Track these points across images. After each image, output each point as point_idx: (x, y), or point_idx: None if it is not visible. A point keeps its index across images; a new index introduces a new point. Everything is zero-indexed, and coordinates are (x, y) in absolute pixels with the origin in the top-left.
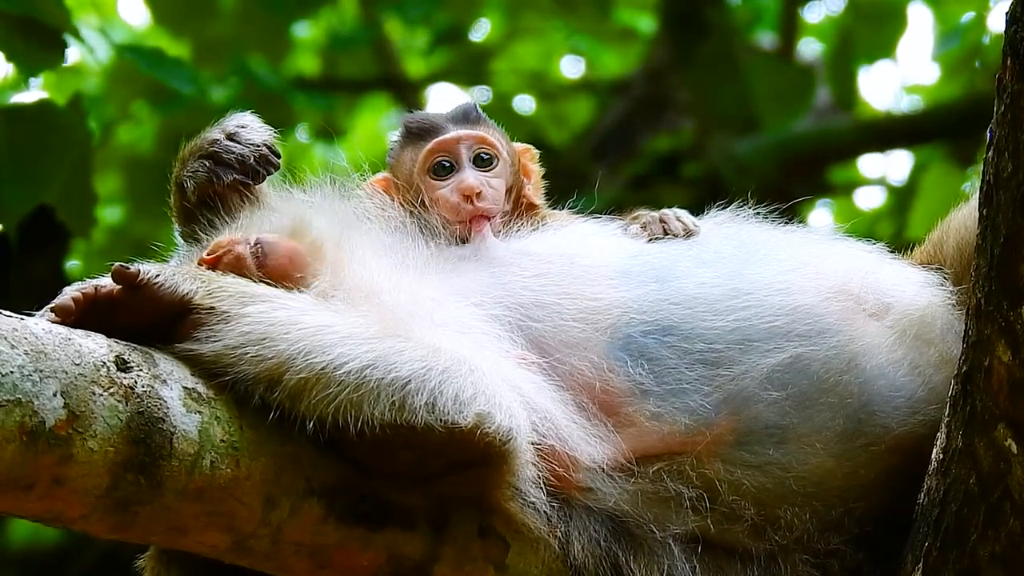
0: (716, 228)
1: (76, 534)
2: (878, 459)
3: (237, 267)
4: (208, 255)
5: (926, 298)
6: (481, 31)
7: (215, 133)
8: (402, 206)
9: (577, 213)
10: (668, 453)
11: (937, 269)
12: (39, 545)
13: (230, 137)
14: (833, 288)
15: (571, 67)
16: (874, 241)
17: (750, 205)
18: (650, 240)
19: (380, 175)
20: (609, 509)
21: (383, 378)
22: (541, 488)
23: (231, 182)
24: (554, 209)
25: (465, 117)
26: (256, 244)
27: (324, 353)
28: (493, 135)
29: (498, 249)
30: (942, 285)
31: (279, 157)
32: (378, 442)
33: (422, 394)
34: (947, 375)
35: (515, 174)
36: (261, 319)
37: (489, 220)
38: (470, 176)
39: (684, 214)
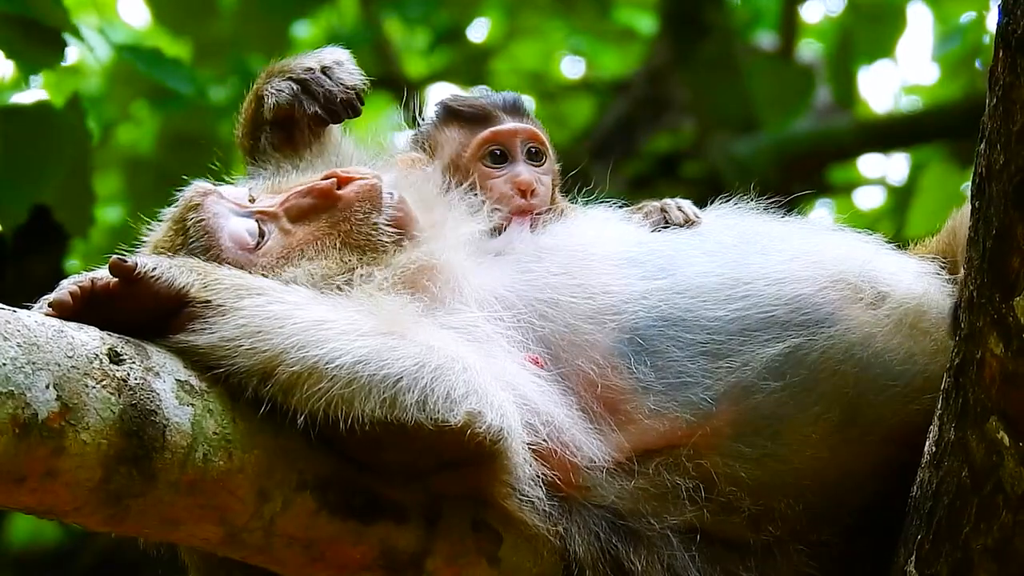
0: (718, 219)
1: (76, 534)
2: (873, 449)
3: (370, 196)
4: (344, 173)
5: (922, 287)
6: (481, 31)
7: (310, 61)
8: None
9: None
10: (667, 447)
11: (951, 258)
12: (39, 545)
13: (324, 71)
14: (831, 277)
15: (571, 67)
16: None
17: (751, 198)
18: (653, 229)
19: (402, 154)
20: (608, 505)
21: (375, 374)
22: (539, 486)
23: (312, 114)
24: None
25: (516, 109)
26: (394, 193)
27: (317, 347)
28: (542, 130)
29: (526, 243)
30: (938, 274)
31: (363, 105)
32: (369, 439)
33: (413, 391)
34: (942, 364)
35: (556, 171)
36: (256, 312)
37: (532, 215)
38: (525, 171)
39: (686, 204)
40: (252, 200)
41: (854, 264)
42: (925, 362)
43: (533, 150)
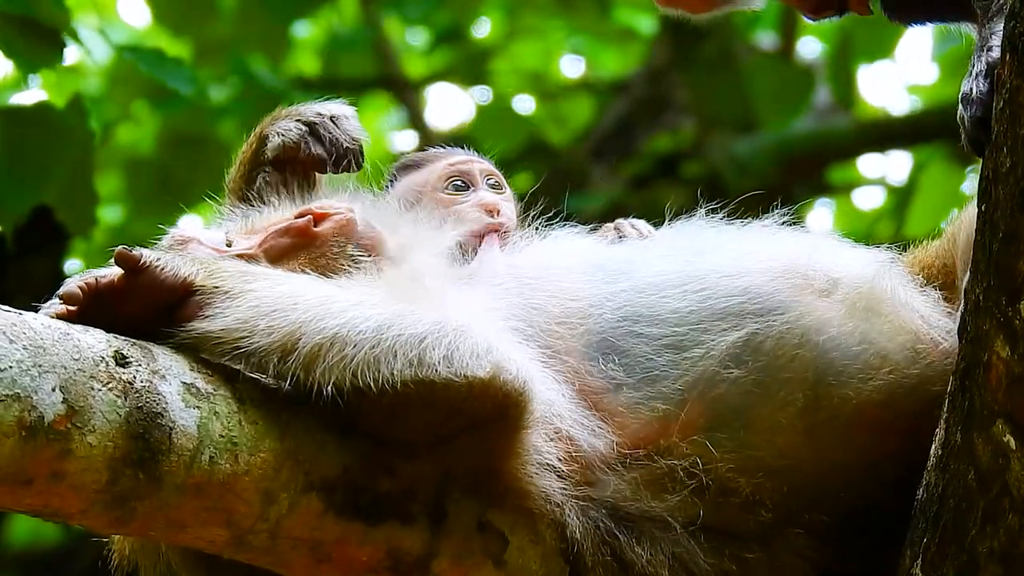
0: (673, 229)
1: (76, 534)
2: (842, 432)
3: (345, 230)
4: (318, 209)
5: (872, 272)
6: (481, 31)
7: (320, 108)
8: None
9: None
10: (650, 441)
11: (951, 264)
12: (39, 545)
13: (332, 119)
14: (782, 268)
15: (571, 67)
16: (840, 233)
17: (704, 206)
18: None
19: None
20: (607, 499)
21: (400, 335)
22: (548, 465)
23: (316, 156)
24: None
25: (468, 149)
26: (364, 220)
27: (336, 318)
28: (497, 169)
29: (496, 264)
30: (892, 261)
31: (363, 160)
32: (395, 403)
33: (438, 349)
34: (899, 343)
35: (515, 202)
36: (268, 292)
37: (501, 234)
38: (488, 194)
39: (639, 222)
40: (229, 244)
41: (804, 255)
42: (883, 342)
43: (493, 182)
